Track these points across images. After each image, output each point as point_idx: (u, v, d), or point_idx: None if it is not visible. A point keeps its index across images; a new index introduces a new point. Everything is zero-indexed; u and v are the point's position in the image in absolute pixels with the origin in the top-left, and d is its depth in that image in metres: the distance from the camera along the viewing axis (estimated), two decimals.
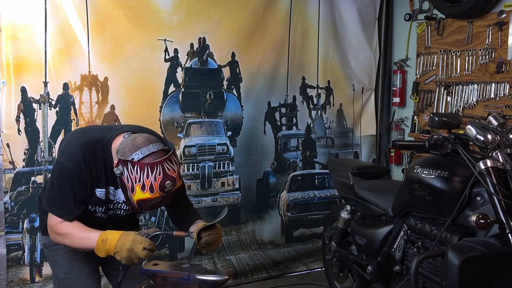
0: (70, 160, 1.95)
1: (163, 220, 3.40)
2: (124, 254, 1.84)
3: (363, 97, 4.16)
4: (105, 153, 1.98)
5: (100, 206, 2.06)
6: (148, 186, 1.83)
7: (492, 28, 3.36)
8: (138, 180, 1.83)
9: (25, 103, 2.96)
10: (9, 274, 2.99)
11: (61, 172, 1.96)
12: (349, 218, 3.08)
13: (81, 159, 1.94)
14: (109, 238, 1.87)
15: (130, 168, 1.84)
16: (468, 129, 2.21)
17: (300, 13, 3.80)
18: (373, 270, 2.79)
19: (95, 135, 2.04)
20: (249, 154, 3.71)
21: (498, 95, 3.35)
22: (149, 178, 1.82)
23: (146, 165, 1.83)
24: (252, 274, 3.76)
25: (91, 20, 3.06)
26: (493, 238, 2.01)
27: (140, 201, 1.88)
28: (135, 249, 1.83)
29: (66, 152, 2.00)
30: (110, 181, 2.02)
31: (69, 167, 1.94)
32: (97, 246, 1.88)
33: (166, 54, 3.33)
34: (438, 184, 2.26)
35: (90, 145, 1.98)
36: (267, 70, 3.70)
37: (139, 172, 1.83)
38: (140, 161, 1.84)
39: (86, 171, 1.95)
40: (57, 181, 1.97)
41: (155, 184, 1.83)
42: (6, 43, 2.86)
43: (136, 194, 1.86)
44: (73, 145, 2.00)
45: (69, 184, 1.94)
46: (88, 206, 2.03)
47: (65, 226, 1.95)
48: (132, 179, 1.84)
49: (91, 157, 1.96)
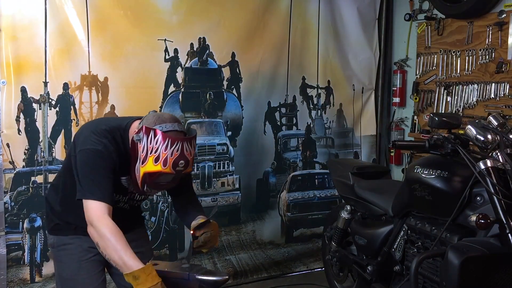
0: (97, 144, 1.92)
1: (163, 220, 3.41)
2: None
3: (363, 97, 4.16)
4: (123, 138, 2.00)
5: (124, 196, 2.07)
6: (163, 159, 1.84)
7: (492, 28, 3.36)
8: (155, 150, 1.85)
9: (25, 103, 2.96)
10: (9, 274, 2.99)
11: (89, 157, 1.91)
12: (349, 218, 3.08)
13: (107, 144, 1.94)
14: (140, 279, 1.79)
15: (151, 136, 1.85)
16: (468, 129, 2.21)
17: (300, 13, 3.80)
18: (373, 270, 2.79)
19: (112, 123, 2.05)
20: (249, 154, 3.71)
21: (498, 95, 3.35)
22: (166, 151, 1.84)
23: (168, 138, 1.85)
24: (252, 274, 3.76)
25: (91, 20, 3.06)
26: (493, 238, 2.00)
27: (148, 174, 1.87)
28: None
29: (89, 140, 1.94)
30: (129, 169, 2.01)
31: (98, 149, 1.91)
32: (126, 275, 1.82)
33: (166, 54, 3.33)
34: (438, 184, 2.26)
35: (110, 132, 1.98)
36: (267, 70, 3.70)
37: (158, 142, 1.84)
38: (165, 132, 1.86)
39: (115, 156, 1.95)
40: (87, 167, 1.91)
41: (170, 159, 1.85)
42: (6, 43, 2.86)
43: (147, 165, 1.86)
44: (94, 133, 1.97)
45: (103, 165, 1.91)
46: None
47: (107, 228, 1.85)
48: (149, 148, 1.85)
49: (113, 144, 1.96)
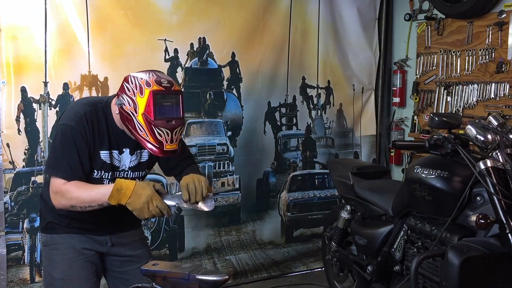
0: (72, 119, 1.93)
1: (163, 220, 3.40)
2: (139, 206, 1.83)
3: (363, 97, 4.16)
4: (105, 112, 2.00)
5: (106, 172, 2.03)
6: (145, 84, 1.87)
7: (492, 28, 3.36)
8: (135, 88, 1.88)
9: (25, 103, 2.96)
10: (9, 274, 2.99)
11: (63, 132, 1.93)
12: (349, 218, 3.08)
13: (83, 117, 1.93)
14: (123, 187, 1.84)
15: (125, 84, 1.92)
16: (468, 129, 2.21)
17: (300, 13, 3.80)
18: (373, 270, 2.79)
19: (94, 98, 2.12)
20: (249, 154, 3.71)
21: (498, 95, 3.35)
22: (143, 79, 1.89)
23: (139, 72, 1.92)
24: (252, 274, 3.76)
25: (91, 20, 3.06)
26: (493, 238, 2.01)
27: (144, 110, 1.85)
28: (150, 205, 1.83)
29: (67, 114, 1.99)
30: (113, 144, 2.01)
31: (72, 125, 1.92)
32: (111, 195, 1.84)
33: (166, 54, 3.33)
34: (438, 184, 2.26)
35: (90, 105, 1.99)
36: (267, 70, 3.70)
37: (134, 81, 1.89)
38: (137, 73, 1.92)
39: (89, 130, 1.94)
40: (60, 142, 1.94)
41: (151, 80, 1.89)
42: (6, 43, 2.86)
43: (138, 105, 1.86)
44: (74, 107, 2.01)
45: (73, 143, 1.92)
46: (93, 172, 2.01)
47: (71, 185, 1.91)
48: (131, 94, 1.88)
49: (93, 116, 1.96)
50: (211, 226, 3.62)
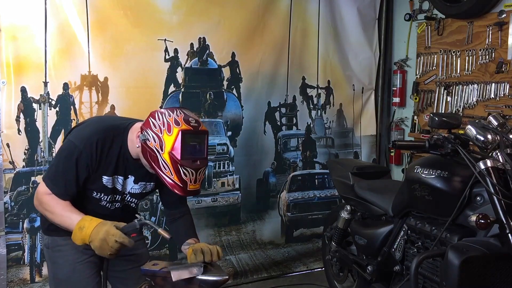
0: (83, 143, 1.93)
1: (163, 220, 3.40)
2: (97, 243, 1.81)
3: (363, 97, 4.16)
4: (122, 139, 1.99)
5: (105, 195, 2.05)
6: (173, 122, 1.84)
7: (492, 28, 3.36)
8: (163, 125, 1.85)
9: (25, 103, 2.96)
10: (9, 274, 2.99)
11: (70, 151, 1.94)
12: (349, 218, 3.08)
13: (93, 143, 1.93)
14: (85, 226, 1.84)
15: (151, 121, 1.89)
16: (468, 129, 2.21)
17: (300, 13, 3.80)
18: (373, 270, 2.79)
19: (114, 122, 2.05)
20: (249, 154, 3.71)
21: (498, 95, 3.35)
22: (171, 116, 1.87)
23: (165, 109, 1.88)
24: (252, 274, 3.76)
25: (91, 20, 3.06)
26: (493, 238, 2.00)
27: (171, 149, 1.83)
28: (108, 240, 1.80)
29: (81, 134, 1.98)
30: (120, 170, 2.01)
31: (80, 149, 1.92)
32: (74, 233, 1.86)
33: (166, 54, 3.33)
34: (438, 184, 2.26)
35: (106, 131, 1.97)
36: (267, 70, 3.70)
37: (161, 118, 1.87)
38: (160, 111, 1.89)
39: (95, 157, 1.94)
40: (64, 159, 1.95)
41: (179, 118, 1.86)
42: (6, 43, 2.86)
43: (165, 142, 1.83)
44: (89, 129, 1.99)
45: (75, 165, 1.93)
46: (92, 193, 2.02)
47: (51, 199, 1.94)
48: (157, 132, 1.85)
49: (106, 143, 1.96)
50: (211, 226, 3.63)
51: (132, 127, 2.01)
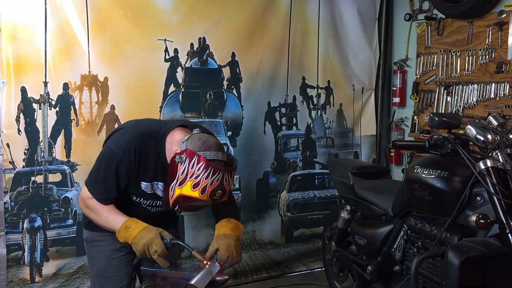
0: (121, 149, 1.97)
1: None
2: (140, 248, 1.89)
3: (363, 97, 4.16)
4: (158, 146, 2.01)
5: (145, 199, 2.08)
6: (202, 186, 1.85)
7: (492, 28, 3.36)
8: (196, 176, 1.84)
9: (25, 103, 2.96)
10: (9, 274, 2.99)
11: (110, 158, 1.98)
12: (349, 218, 3.08)
13: (132, 150, 1.96)
14: (132, 227, 1.91)
15: (194, 161, 1.85)
16: (468, 129, 2.21)
17: (300, 13, 3.80)
18: (373, 270, 2.79)
19: (151, 127, 2.07)
20: (249, 154, 3.71)
21: (498, 95, 3.35)
22: (207, 179, 1.85)
23: (211, 167, 1.85)
24: (252, 274, 3.76)
25: (91, 20, 3.06)
26: (493, 238, 2.00)
27: (183, 197, 1.88)
28: (150, 248, 1.87)
29: (119, 140, 2.02)
30: (158, 176, 2.03)
31: (119, 155, 1.96)
32: (119, 231, 1.93)
33: (166, 54, 3.33)
34: (438, 184, 2.26)
35: (144, 137, 2.00)
36: (267, 70, 3.70)
37: (201, 170, 1.84)
38: (208, 160, 1.85)
39: (134, 164, 1.97)
40: (105, 166, 1.99)
41: (209, 188, 1.85)
42: (6, 43, 2.86)
43: (184, 188, 1.86)
44: (128, 135, 2.02)
45: (115, 172, 1.97)
46: (133, 197, 2.06)
47: (96, 203, 2.00)
48: (190, 173, 1.85)
49: (143, 149, 1.98)
50: (211, 226, 3.58)
51: (169, 134, 2.02)
